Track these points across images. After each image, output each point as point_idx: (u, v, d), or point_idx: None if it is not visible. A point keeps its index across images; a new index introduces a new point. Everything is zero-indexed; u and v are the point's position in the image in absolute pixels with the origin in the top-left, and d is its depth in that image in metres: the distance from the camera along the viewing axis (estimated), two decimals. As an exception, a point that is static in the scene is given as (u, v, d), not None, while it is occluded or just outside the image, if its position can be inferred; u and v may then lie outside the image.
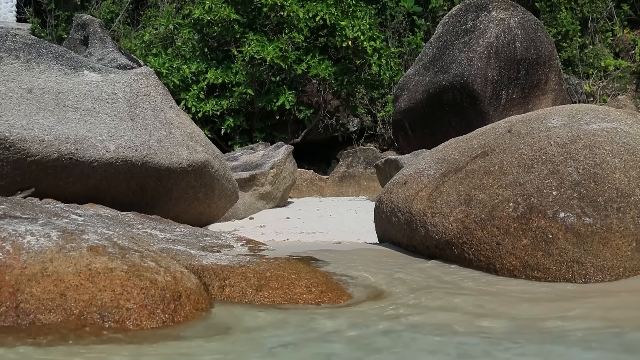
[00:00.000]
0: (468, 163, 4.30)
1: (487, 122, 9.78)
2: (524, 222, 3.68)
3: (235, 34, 15.22)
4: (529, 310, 2.96)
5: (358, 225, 8.09)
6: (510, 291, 3.35)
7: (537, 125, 4.25)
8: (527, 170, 3.92)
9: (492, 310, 2.99)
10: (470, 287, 3.46)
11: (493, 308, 3.03)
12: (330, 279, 3.47)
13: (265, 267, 3.47)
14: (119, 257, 2.96)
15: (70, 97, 5.41)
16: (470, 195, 4.00)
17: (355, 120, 17.66)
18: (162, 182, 5.78)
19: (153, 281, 2.86)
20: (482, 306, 3.06)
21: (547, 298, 3.20)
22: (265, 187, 9.88)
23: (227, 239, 4.63)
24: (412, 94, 12.01)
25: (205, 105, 15.03)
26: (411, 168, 4.76)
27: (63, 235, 3.01)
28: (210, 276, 3.32)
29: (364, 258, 4.32)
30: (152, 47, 16.31)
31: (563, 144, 3.95)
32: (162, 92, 6.18)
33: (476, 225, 3.84)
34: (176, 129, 5.98)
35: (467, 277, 3.69)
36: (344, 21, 15.15)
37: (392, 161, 10.76)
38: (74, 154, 5.01)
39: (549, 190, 3.74)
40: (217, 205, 7.00)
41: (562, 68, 12.35)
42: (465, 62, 10.92)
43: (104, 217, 4.40)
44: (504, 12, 11.29)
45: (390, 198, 4.62)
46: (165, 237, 4.17)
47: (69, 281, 2.77)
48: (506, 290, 3.36)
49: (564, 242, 3.54)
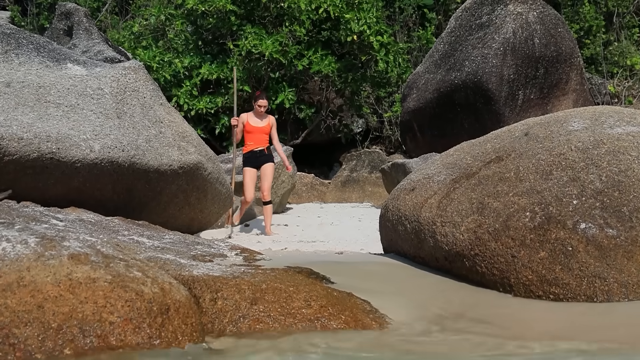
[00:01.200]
0: (481, 168, 4.28)
1: (503, 124, 9.78)
2: (542, 233, 3.67)
3: (231, 26, 15.24)
4: None
5: (362, 234, 8.09)
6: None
7: (557, 129, 4.23)
8: (545, 177, 3.90)
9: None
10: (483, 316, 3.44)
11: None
12: (331, 293, 3.45)
13: (260, 279, 3.45)
14: (103, 266, 2.95)
15: (52, 92, 5.40)
16: (484, 204, 3.98)
17: (360, 121, 17.67)
18: (150, 185, 5.76)
19: (139, 293, 2.84)
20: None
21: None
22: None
23: (220, 248, 4.61)
24: (422, 93, 12.01)
25: (198, 102, 15.05)
26: (420, 173, 4.75)
27: (42, 242, 3.00)
28: (202, 288, 3.30)
29: (368, 270, 4.30)
30: (142, 39, 16.34)
31: (585, 149, 3.93)
32: (152, 87, 6.17)
33: (489, 235, 3.82)
34: (167, 128, 5.97)
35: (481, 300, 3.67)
36: (348, 14, 15.17)
37: (399, 165, 10.76)
38: (56, 153, 5.00)
39: (569, 199, 3.72)
40: (210, 211, 6.99)
41: (584, 66, 12.35)
42: (480, 59, 10.92)
43: (87, 222, 4.38)
44: (522, 6, 11.30)
45: (396, 205, 4.61)
46: (153, 245, 4.15)
47: (48, 292, 2.75)
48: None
49: (585, 255, 3.53)
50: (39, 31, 17.92)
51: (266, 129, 8.80)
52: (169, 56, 15.43)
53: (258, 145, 8.75)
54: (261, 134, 8.77)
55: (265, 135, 8.80)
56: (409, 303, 3.51)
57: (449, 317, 3.37)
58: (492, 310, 3.47)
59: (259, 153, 8.71)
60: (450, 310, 3.48)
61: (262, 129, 8.77)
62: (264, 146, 8.78)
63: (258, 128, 8.75)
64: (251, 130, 8.75)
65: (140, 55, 14.97)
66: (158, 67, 15.06)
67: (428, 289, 3.85)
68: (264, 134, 8.80)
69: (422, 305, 3.53)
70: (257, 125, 8.76)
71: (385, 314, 3.33)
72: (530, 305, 3.49)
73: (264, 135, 8.80)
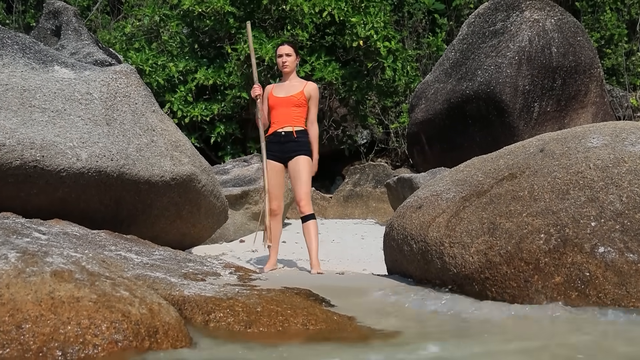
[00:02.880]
0: (493, 186, 4.28)
1: (517, 139, 9.78)
2: (557, 256, 3.66)
3: (229, 29, 15.28)
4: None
5: (364, 253, 8.07)
6: None
7: (575, 145, 4.23)
8: (561, 196, 3.90)
9: None
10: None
11: None
12: (331, 317, 3.44)
13: (256, 301, 3.44)
14: (88, 284, 2.94)
15: (38, 95, 5.40)
16: (495, 224, 3.97)
17: (365, 132, 17.69)
18: (140, 197, 5.76)
19: (126, 314, 2.83)
20: None
21: None
22: (259, 205, 9.86)
23: (214, 266, 4.61)
24: (431, 104, 12.01)
25: (193, 109, 15.06)
26: (427, 189, 4.75)
27: (23, 257, 2.99)
28: (193, 309, 3.30)
29: (370, 292, 4.29)
30: (134, 40, 16.37)
31: (604, 168, 3.93)
32: (144, 93, 6.18)
33: (501, 258, 3.81)
34: (159, 136, 5.97)
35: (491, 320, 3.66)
36: (354, 18, 15.20)
37: (405, 180, 10.76)
38: (40, 161, 5.00)
39: (587, 220, 3.71)
40: (203, 225, 6.98)
41: (604, 78, 12.36)
42: (493, 68, 10.93)
43: (72, 235, 4.38)
44: (539, 12, 11.32)
45: (402, 223, 4.60)
46: (142, 262, 4.15)
47: (28, 311, 2.74)
48: None
49: (603, 281, 3.51)
50: (25, 30, 17.96)
51: (296, 99, 6.31)
52: (162, 59, 15.46)
53: (283, 124, 6.31)
54: (287, 108, 6.31)
55: (294, 109, 6.32)
56: (416, 327, 3.49)
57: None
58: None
59: (283, 137, 6.28)
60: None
61: (288, 100, 6.30)
62: (292, 126, 6.30)
63: (282, 99, 6.32)
64: (274, 105, 6.35)
65: (132, 57, 15.00)
66: (151, 71, 15.09)
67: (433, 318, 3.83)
68: (293, 108, 6.31)
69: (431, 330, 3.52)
70: (279, 96, 6.34)
71: (394, 335, 3.32)
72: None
73: (293, 110, 6.32)
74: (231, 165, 11.11)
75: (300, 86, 6.40)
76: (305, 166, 6.26)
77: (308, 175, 6.28)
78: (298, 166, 6.25)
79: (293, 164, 6.27)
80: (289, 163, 6.30)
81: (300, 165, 6.25)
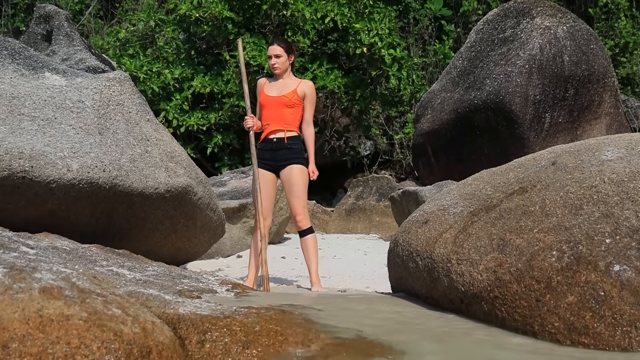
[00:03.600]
0: (503, 200, 4.27)
1: (527, 151, 9.79)
2: (570, 275, 3.64)
3: (228, 35, 15.32)
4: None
5: (367, 269, 8.06)
6: None
7: (588, 158, 4.22)
8: (574, 212, 3.89)
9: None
10: None
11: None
12: (332, 336, 3.42)
13: (254, 319, 3.43)
14: (78, 301, 2.93)
15: (27, 103, 5.40)
16: (505, 240, 3.96)
17: (368, 143, 17.70)
18: (133, 209, 5.75)
19: (118, 333, 2.82)
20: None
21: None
22: (258, 219, 9.84)
23: (210, 282, 4.59)
24: (437, 114, 12.03)
25: (189, 118, 15.09)
26: (433, 204, 4.73)
27: (10, 273, 2.98)
28: (188, 328, 3.28)
29: (373, 312, 4.27)
30: (129, 46, 16.41)
31: (619, 182, 3.92)
32: (139, 101, 6.18)
33: (511, 276, 3.80)
34: (153, 146, 5.97)
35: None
36: (358, 24, 15.24)
37: (410, 193, 10.75)
38: (28, 172, 4.99)
39: (602, 237, 3.70)
40: (199, 240, 6.97)
41: (619, 87, 12.37)
42: (502, 77, 10.95)
43: (61, 250, 4.36)
44: (551, 19, 11.34)
45: (407, 239, 4.59)
46: (135, 278, 4.14)
47: (14, 330, 2.72)
48: None
49: (619, 301, 3.50)
50: (14, 35, 18.00)
51: (287, 100, 6.06)
52: (157, 66, 15.49)
53: (274, 129, 6.11)
54: (278, 109, 6.07)
55: (287, 110, 6.06)
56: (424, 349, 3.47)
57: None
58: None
59: (275, 143, 6.08)
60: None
61: (280, 100, 6.07)
62: (284, 129, 6.06)
63: (273, 99, 6.08)
64: (264, 103, 6.13)
65: (126, 64, 15.03)
66: (145, 78, 15.12)
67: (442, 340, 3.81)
68: (285, 109, 6.06)
69: (439, 352, 3.50)
70: (271, 95, 6.12)
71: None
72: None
73: (285, 111, 6.06)
74: (228, 177, 11.11)
75: (294, 84, 6.14)
76: (299, 177, 5.98)
77: (303, 186, 6.01)
78: (292, 177, 5.99)
79: (286, 175, 6.03)
80: (281, 173, 6.07)
81: (294, 177, 5.97)
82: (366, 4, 15.54)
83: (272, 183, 6.13)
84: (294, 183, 5.98)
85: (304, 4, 15.09)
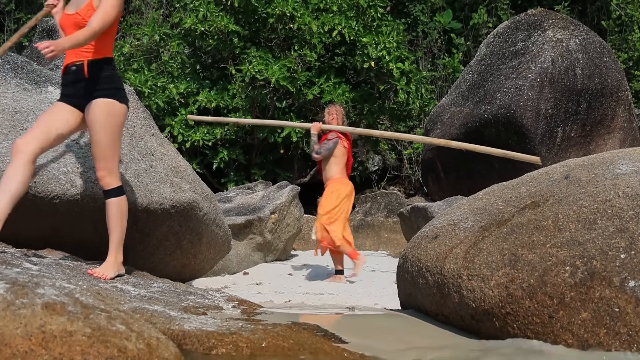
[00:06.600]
0: (514, 215, 4.26)
1: (539, 166, 9.77)
2: (584, 290, 3.63)
3: (234, 49, 15.35)
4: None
5: (376, 286, 8.05)
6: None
7: (602, 172, 4.21)
8: (588, 226, 3.87)
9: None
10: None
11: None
12: (341, 353, 3.42)
13: (261, 336, 3.42)
14: (81, 317, 2.93)
15: (30, 118, 5.42)
16: (517, 255, 3.95)
17: (377, 158, 17.70)
18: (137, 225, 5.75)
19: (122, 349, 2.82)
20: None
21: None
22: (264, 235, 9.85)
23: (215, 299, 4.59)
24: (447, 128, 12.02)
25: (194, 133, 15.08)
26: (444, 218, 4.73)
27: (12, 289, 2.98)
28: (193, 344, 3.28)
29: (382, 329, 4.26)
30: (133, 60, 16.45)
31: (634, 196, 3.91)
32: (143, 116, 6.20)
33: (523, 292, 3.79)
34: (158, 161, 5.98)
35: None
36: (366, 37, 15.26)
37: (419, 209, 10.74)
38: (32, 187, 5.01)
39: (616, 252, 3.69)
40: (205, 256, 6.96)
41: (633, 101, 12.36)
42: (513, 91, 10.95)
43: (65, 266, 4.38)
44: (562, 32, 11.34)
45: (417, 255, 4.58)
46: (140, 294, 4.14)
47: (17, 346, 2.72)
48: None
49: (635, 317, 3.48)
50: (17, 49, 18.07)
51: (80, 18, 4.69)
52: (162, 81, 15.51)
53: (72, 55, 4.77)
54: (69, 28, 4.78)
55: (76, 28, 4.67)
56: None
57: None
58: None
59: (73, 74, 4.77)
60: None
61: (73, 18, 4.76)
62: (83, 58, 4.71)
63: (68, 18, 4.82)
64: (61, 26, 4.95)
65: (130, 79, 15.06)
66: (150, 92, 15.13)
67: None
68: (76, 27, 4.68)
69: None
70: (68, 13, 4.85)
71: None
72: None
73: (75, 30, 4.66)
74: (235, 193, 11.11)
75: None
76: (101, 117, 4.64)
77: (106, 130, 4.66)
78: (91, 117, 4.66)
79: (88, 115, 4.69)
80: (85, 113, 4.73)
81: (93, 116, 4.66)
82: (374, 17, 15.57)
83: (69, 118, 4.73)
84: (95, 127, 4.68)
85: (311, 17, 15.12)
